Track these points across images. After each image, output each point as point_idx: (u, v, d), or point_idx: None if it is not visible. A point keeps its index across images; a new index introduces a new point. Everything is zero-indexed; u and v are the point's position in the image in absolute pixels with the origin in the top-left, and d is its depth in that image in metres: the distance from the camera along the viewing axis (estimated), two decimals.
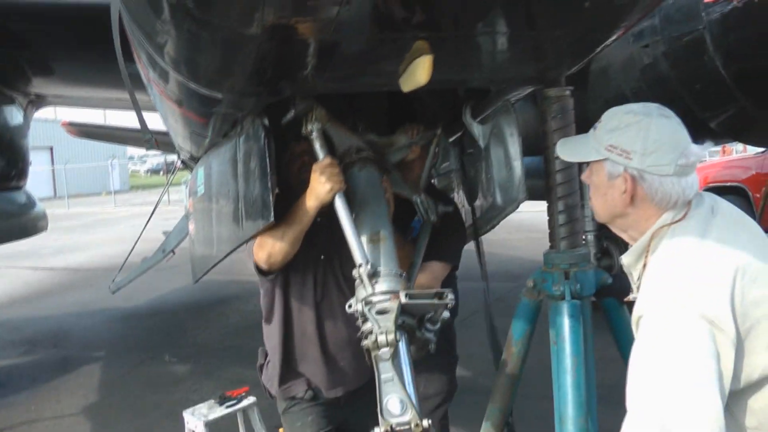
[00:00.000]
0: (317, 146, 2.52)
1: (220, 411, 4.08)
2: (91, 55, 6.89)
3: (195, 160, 4.15)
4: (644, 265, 1.90)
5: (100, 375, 7.12)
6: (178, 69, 2.25)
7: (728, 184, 11.48)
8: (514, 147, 2.78)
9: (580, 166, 2.31)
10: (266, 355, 3.16)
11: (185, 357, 7.44)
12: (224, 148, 3.00)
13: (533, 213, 2.57)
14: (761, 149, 11.62)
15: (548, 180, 2.49)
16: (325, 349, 2.96)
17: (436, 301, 2.18)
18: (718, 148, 22.09)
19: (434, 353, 2.33)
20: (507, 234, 12.11)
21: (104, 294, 9.75)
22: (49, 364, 7.59)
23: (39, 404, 6.29)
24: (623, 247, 7.71)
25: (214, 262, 2.96)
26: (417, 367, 2.20)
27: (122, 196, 38.35)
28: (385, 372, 2.03)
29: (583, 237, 7.61)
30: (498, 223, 3.11)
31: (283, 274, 2.95)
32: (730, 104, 4.94)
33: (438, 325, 2.25)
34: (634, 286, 1.99)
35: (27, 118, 7.96)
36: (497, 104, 2.80)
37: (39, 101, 8.01)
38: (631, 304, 1.91)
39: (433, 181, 3.93)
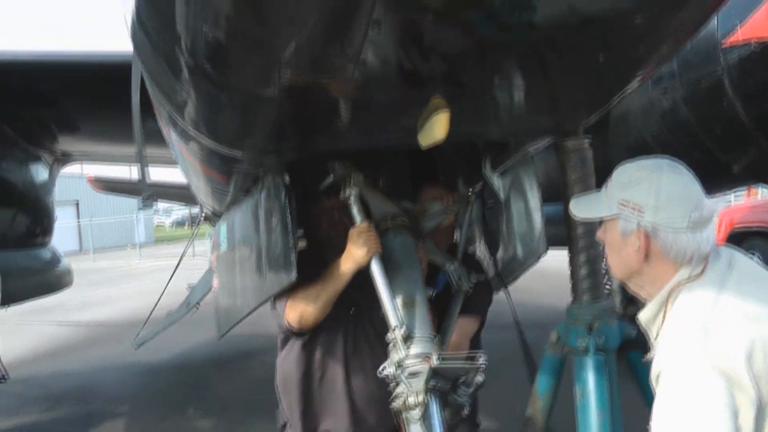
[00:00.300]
0: (354, 210, 2.61)
1: None
2: (115, 112, 7.00)
3: (218, 215, 4.19)
4: (663, 322, 1.86)
5: (124, 431, 7.08)
6: (197, 128, 2.29)
7: (754, 227, 11.36)
8: (534, 200, 2.78)
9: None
10: (284, 417, 3.10)
11: (209, 412, 7.39)
12: (246, 205, 3.03)
13: (559, 260, 2.55)
14: None
15: (569, 232, 2.48)
16: (354, 406, 2.91)
17: (467, 364, 2.21)
18: (743, 191, 21.93)
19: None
20: (532, 281, 11.98)
21: (129, 348, 9.71)
22: (72, 420, 7.54)
23: None
24: None
25: (239, 318, 2.99)
26: None
27: (147, 249, 38.57)
28: None
29: (608, 285, 7.58)
30: (520, 275, 3.09)
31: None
32: (751, 147, 4.91)
33: (472, 389, 2.26)
34: (653, 344, 1.94)
35: (53, 175, 8.09)
36: (516, 156, 2.80)
37: (65, 158, 8.15)
38: (650, 363, 1.88)
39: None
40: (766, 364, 1.63)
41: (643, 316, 1.95)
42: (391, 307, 2.38)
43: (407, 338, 2.30)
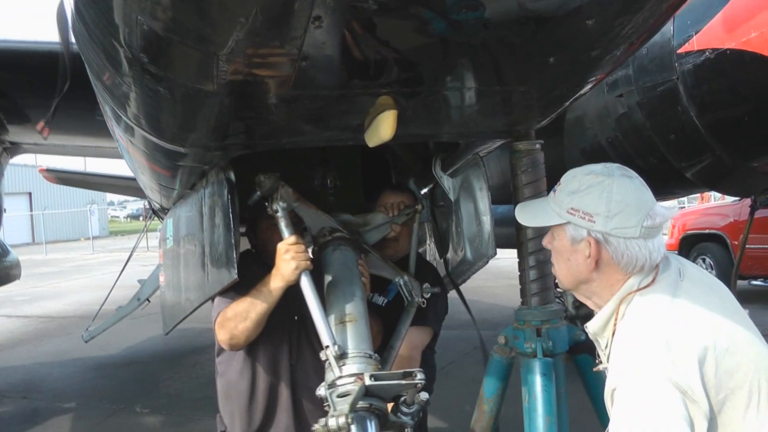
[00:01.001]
0: (282, 226, 2.48)
1: None
2: (67, 103, 6.87)
3: (165, 210, 4.11)
4: (613, 333, 1.82)
5: (70, 427, 6.93)
6: (139, 124, 2.22)
7: (707, 231, 11.56)
8: (484, 202, 2.76)
9: None
10: (223, 425, 3.02)
11: (157, 408, 7.27)
12: (191, 201, 2.97)
13: (512, 260, 2.50)
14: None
15: (519, 235, 2.45)
16: (299, 417, 2.83)
17: (403, 381, 2.09)
18: (697, 195, 22.33)
19: None
20: (484, 282, 12.06)
21: (78, 343, 9.56)
22: (17, 416, 7.35)
23: None
24: None
25: (183, 316, 2.90)
26: None
27: (101, 241, 38.01)
28: None
29: (559, 289, 7.61)
30: (469, 277, 3.06)
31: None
32: (705, 154, 4.96)
33: (414, 408, 2.14)
34: (602, 355, 1.91)
35: (1, 165, 7.89)
36: (467, 157, 2.77)
37: (14, 149, 7.95)
38: (600, 373, 1.85)
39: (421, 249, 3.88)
40: (717, 373, 1.64)
41: (592, 326, 1.90)
42: (324, 324, 2.27)
43: (340, 357, 2.19)
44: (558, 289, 7.60)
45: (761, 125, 4.55)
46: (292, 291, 2.63)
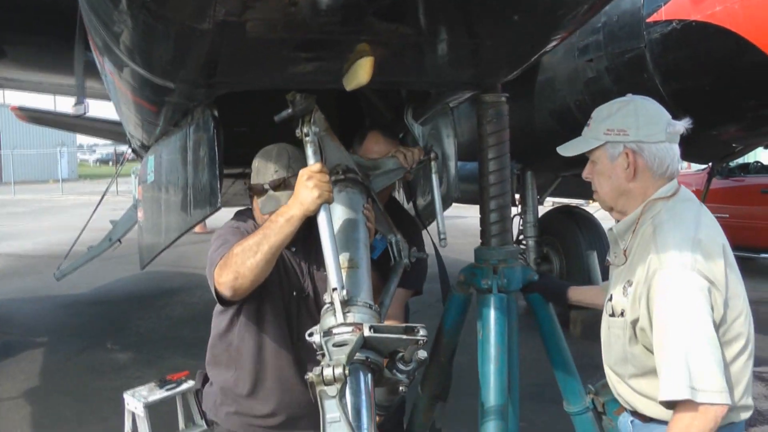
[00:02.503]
0: (310, 151, 2.26)
1: (160, 394, 4.14)
2: (43, 39, 6.88)
3: (146, 148, 4.22)
4: (633, 233, 2.26)
5: (42, 360, 7.08)
6: (132, 58, 2.33)
7: None
8: (450, 148, 2.92)
9: (512, 171, 2.49)
10: (205, 379, 2.90)
11: (128, 345, 7.43)
12: (174, 137, 3.08)
13: (476, 218, 2.63)
14: (703, 166, 12.03)
15: (482, 180, 2.63)
16: (305, 397, 2.50)
17: (404, 336, 1.95)
18: None
19: None
20: (453, 239, 12.27)
21: (49, 281, 9.65)
22: None
23: None
24: (563, 254, 7.93)
25: (162, 248, 3.02)
26: None
27: (70, 184, 37.68)
28: (331, 412, 1.76)
29: (524, 242, 7.88)
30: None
31: (254, 306, 2.66)
32: None
33: (412, 366, 2.00)
34: (618, 255, 2.34)
35: None
36: (437, 107, 2.94)
37: None
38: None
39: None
40: (727, 279, 2.09)
41: (617, 228, 2.33)
42: (335, 265, 2.06)
43: (345, 303, 2.01)
44: (522, 246, 7.85)
45: (722, 95, 4.77)
46: (289, 265, 2.68)
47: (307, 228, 2.37)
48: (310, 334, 2.04)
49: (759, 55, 4.22)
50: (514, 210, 4.06)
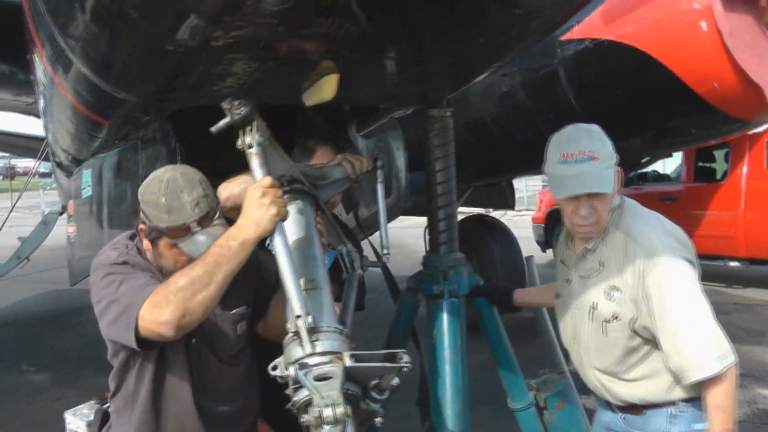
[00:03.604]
0: (256, 164, 2.03)
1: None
2: None
3: (77, 162, 4.16)
4: (603, 243, 2.45)
5: None
6: (89, 66, 2.29)
7: None
8: (401, 160, 3.03)
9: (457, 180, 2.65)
10: (105, 417, 2.64)
11: (44, 366, 7.20)
12: (121, 151, 3.08)
13: (401, 230, 2.68)
14: None
15: (430, 190, 2.77)
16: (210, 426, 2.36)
17: (388, 364, 1.81)
18: None
19: None
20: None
21: None
22: None
23: None
24: (476, 261, 8.12)
25: None
26: None
27: None
28: None
29: None
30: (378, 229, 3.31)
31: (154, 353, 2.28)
32: None
33: (386, 395, 1.85)
34: (588, 265, 2.49)
35: None
36: (382, 121, 3.05)
37: None
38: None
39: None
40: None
41: (591, 245, 2.48)
42: (295, 289, 1.87)
43: (312, 331, 1.82)
44: None
45: (630, 108, 5.10)
46: None
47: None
48: (274, 368, 1.83)
49: (665, 72, 4.54)
50: None
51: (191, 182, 2.23)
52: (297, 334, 1.84)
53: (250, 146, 2.04)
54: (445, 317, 2.64)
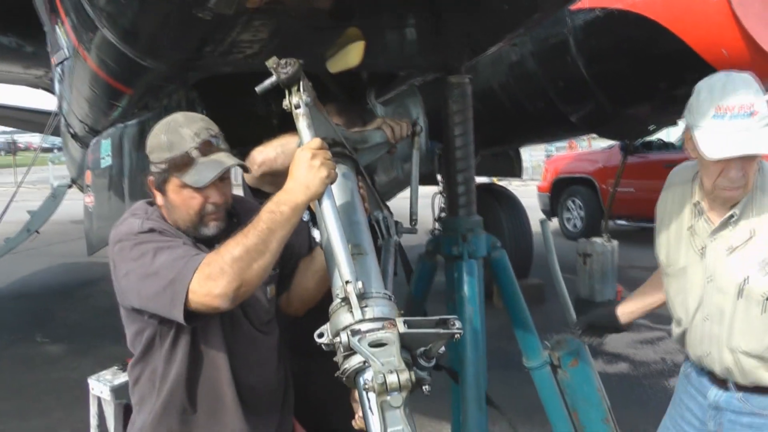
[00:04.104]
0: (304, 125, 1.93)
1: (125, 377, 4.15)
2: None
3: (94, 132, 4.22)
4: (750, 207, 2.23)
5: None
6: (115, 31, 2.35)
7: (577, 175, 12.42)
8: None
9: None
10: (127, 411, 2.46)
11: (58, 337, 7.31)
12: (143, 121, 3.13)
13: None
14: (607, 145, 12.66)
15: (448, 155, 2.82)
16: (242, 395, 2.28)
17: (441, 330, 1.73)
18: (566, 143, 23.63)
19: None
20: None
21: None
22: None
23: None
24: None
25: None
26: None
27: None
28: (395, 425, 1.57)
29: None
30: (397, 193, 3.38)
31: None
32: (589, 100, 5.56)
33: (434, 361, 1.78)
34: (719, 233, 2.28)
35: None
36: (401, 88, 3.11)
37: None
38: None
39: None
40: None
41: (739, 207, 2.24)
42: (345, 255, 1.81)
43: (361, 297, 1.74)
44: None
45: (638, 77, 5.17)
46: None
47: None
48: (320, 335, 1.75)
49: (674, 40, 4.59)
50: (436, 189, 4.26)
51: (191, 118, 2.21)
52: (345, 300, 1.75)
53: (297, 106, 1.93)
54: (464, 278, 2.70)
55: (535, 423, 3.78)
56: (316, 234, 2.50)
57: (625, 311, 2.79)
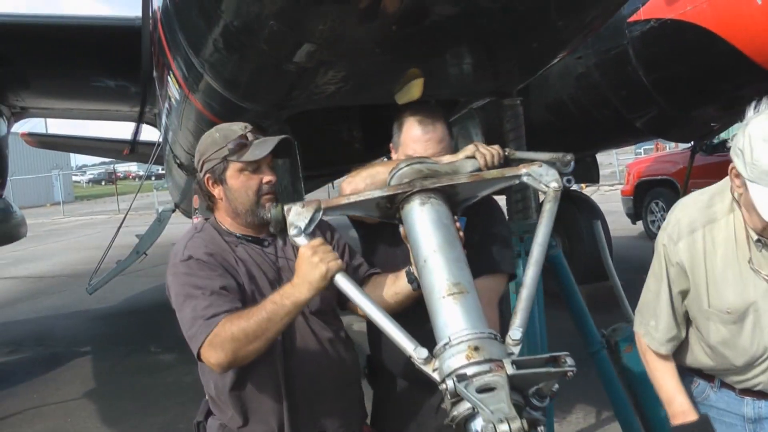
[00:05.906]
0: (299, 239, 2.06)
1: None
2: (67, 69, 7.46)
3: None
4: None
5: (92, 366, 7.65)
6: (218, 81, 2.86)
7: (659, 177, 12.49)
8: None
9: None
10: (208, 411, 2.55)
11: (170, 348, 7.92)
12: None
13: None
14: (688, 145, 12.68)
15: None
16: (293, 407, 2.38)
17: (552, 369, 1.62)
18: (652, 145, 23.38)
19: None
20: None
21: (76, 297, 10.16)
22: (39, 360, 8.05)
23: (40, 393, 6.78)
24: (564, 236, 8.49)
25: None
26: None
27: (68, 206, 38.03)
28: None
29: None
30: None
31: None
32: (651, 107, 5.87)
33: (547, 401, 1.66)
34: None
35: (9, 129, 8.46)
36: (462, 111, 3.52)
37: (22, 113, 8.53)
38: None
39: None
40: None
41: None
42: (390, 323, 1.83)
43: (465, 340, 1.69)
44: None
45: (696, 81, 5.45)
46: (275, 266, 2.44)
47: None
48: (441, 382, 1.66)
49: (725, 45, 4.87)
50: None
51: (236, 123, 2.48)
52: (448, 344, 1.71)
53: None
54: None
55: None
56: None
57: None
